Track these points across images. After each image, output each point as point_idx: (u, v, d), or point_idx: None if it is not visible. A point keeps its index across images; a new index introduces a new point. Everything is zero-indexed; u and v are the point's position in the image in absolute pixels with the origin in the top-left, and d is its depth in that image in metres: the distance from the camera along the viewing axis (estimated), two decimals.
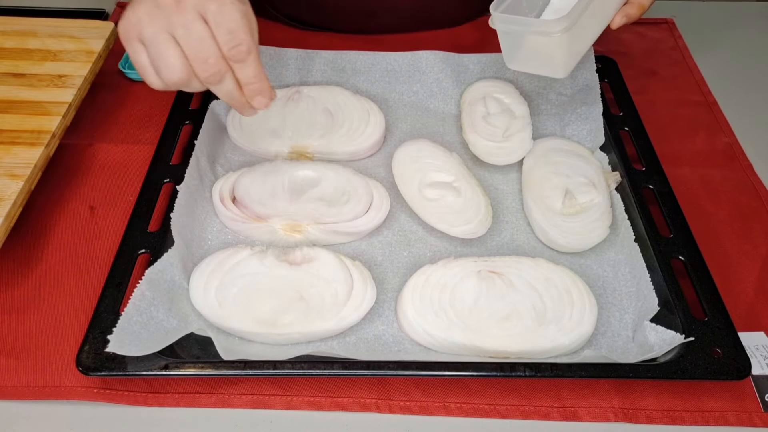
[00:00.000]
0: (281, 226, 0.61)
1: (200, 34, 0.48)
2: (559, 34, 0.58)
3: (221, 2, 0.48)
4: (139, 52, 0.50)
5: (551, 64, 0.62)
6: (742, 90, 0.82)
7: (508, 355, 0.52)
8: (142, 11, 0.49)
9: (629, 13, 0.65)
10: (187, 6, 0.48)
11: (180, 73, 0.50)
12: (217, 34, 0.49)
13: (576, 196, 0.64)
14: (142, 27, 0.49)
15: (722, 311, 0.54)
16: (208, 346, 0.52)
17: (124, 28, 0.50)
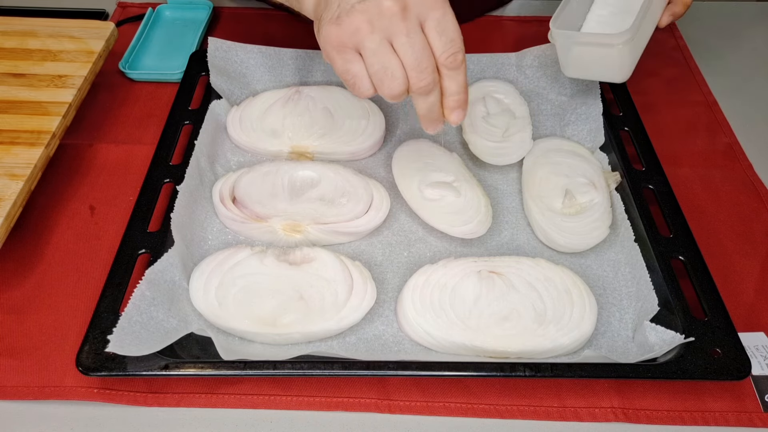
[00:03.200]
0: (281, 226, 0.61)
1: (421, 42, 0.47)
2: (621, 46, 0.62)
3: (444, 10, 0.48)
4: (352, 62, 0.48)
5: (611, 71, 0.65)
6: (742, 90, 0.82)
7: (508, 355, 0.52)
8: (361, 19, 0.47)
9: (675, 11, 0.68)
10: (411, 14, 0.47)
11: (403, 84, 0.48)
12: (437, 41, 0.48)
13: (576, 196, 0.64)
14: (362, 36, 0.47)
15: (722, 311, 0.54)
16: (208, 346, 0.52)
17: (337, 37, 0.48)
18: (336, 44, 0.48)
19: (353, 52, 0.48)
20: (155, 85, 0.79)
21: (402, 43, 0.47)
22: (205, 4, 0.90)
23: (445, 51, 0.48)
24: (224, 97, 0.72)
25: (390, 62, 0.47)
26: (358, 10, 0.47)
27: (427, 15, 0.47)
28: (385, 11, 0.46)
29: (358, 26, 0.47)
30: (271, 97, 0.73)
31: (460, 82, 0.49)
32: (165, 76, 0.79)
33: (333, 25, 0.48)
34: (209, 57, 0.73)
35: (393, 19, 0.46)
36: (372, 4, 0.47)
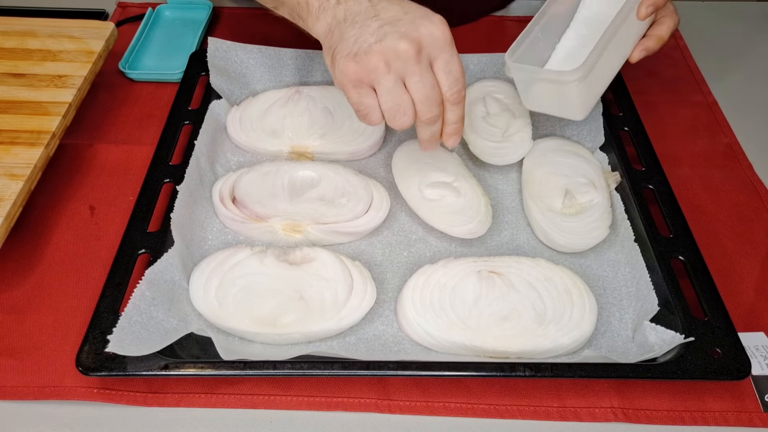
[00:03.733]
0: (281, 226, 0.61)
1: (432, 81, 0.52)
2: (576, 83, 0.59)
3: (451, 52, 0.52)
4: (367, 96, 0.52)
5: (569, 107, 0.63)
6: (742, 90, 0.82)
7: (508, 355, 0.52)
8: (378, 60, 0.50)
9: (648, 46, 0.65)
10: (423, 55, 0.51)
11: (412, 118, 0.53)
12: (444, 80, 0.52)
13: (576, 196, 0.64)
14: (380, 75, 0.51)
15: (722, 311, 0.54)
16: (208, 346, 0.52)
17: (355, 73, 0.51)
18: (353, 79, 0.52)
19: (368, 87, 0.52)
20: (155, 85, 0.79)
21: (414, 82, 0.51)
22: (205, 4, 0.90)
23: (450, 88, 0.52)
24: (224, 97, 0.72)
25: (403, 100, 0.52)
26: (375, 51, 0.50)
27: (437, 56, 0.52)
28: (401, 54, 0.50)
29: (375, 66, 0.50)
30: (271, 97, 0.73)
31: (459, 114, 0.54)
32: (165, 76, 0.79)
33: (351, 62, 0.51)
34: (209, 57, 0.73)
35: (408, 62, 0.50)
36: (389, 46, 0.50)
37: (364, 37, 0.51)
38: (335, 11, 0.54)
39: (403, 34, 0.51)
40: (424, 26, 0.51)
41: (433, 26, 0.51)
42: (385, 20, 0.52)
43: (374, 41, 0.51)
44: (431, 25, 0.51)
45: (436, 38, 0.51)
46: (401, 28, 0.51)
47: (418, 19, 0.52)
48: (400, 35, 0.50)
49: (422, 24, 0.51)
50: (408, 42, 0.50)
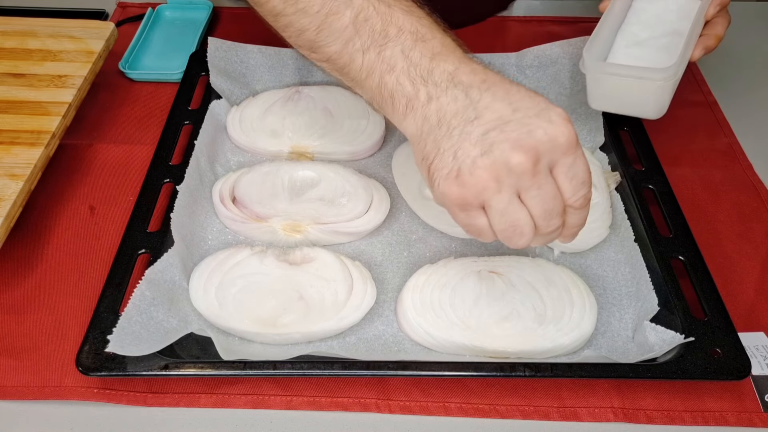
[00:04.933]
0: (281, 226, 0.61)
1: (552, 191, 0.43)
2: (662, 82, 0.59)
3: (575, 153, 0.43)
4: (477, 217, 0.44)
5: (646, 106, 0.63)
6: (742, 90, 0.82)
7: (508, 355, 0.52)
8: (487, 178, 0.42)
9: (708, 45, 0.66)
10: (542, 165, 0.42)
11: (531, 236, 0.44)
12: (567, 185, 0.44)
13: None
14: (489, 196, 0.42)
15: (722, 311, 0.54)
16: (208, 346, 0.52)
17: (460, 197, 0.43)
18: (460, 204, 0.44)
19: (477, 208, 0.44)
20: (155, 85, 0.79)
21: (532, 197, 0.43)
22: (205, 4, 0.90)
23: (574, 194, 0.44)
24: (224, 97, 0.72)
25: (519, 219, 0.43)
26: (481, 167, 0.42)
27: (558, 160, 0.43)
28: (514, 168, 0.41)
29: (484, 185, 0.42)
30: (271, 97, 0.73)
31: (584, 216, 0.46)
32: (165, 76, 0.79)
33: (454, 185, 0.43)
34: (209, 57, 0.73)
35: (524, 176, 0.42)
36: (499, 159, 0.41)
37: (465, 149, 0.42)
38: (426, 111, 0.44)
39: (515, 143, 0.41)
40: (541, 128, 0.42)
41: (553, 127, 0.42)
42: (490, 123, 0.42)
43: (479, 154, 0.42)
44: (550, 127, 0.42)
45: (557, 144, 0.42)
46: (512, 133, 0.42)
47: (532, 118, 0.42)
48: (511, 144, 0.41)
49: (539, 126, 0.42)
50: (522, 153, 0.41)
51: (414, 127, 0.45)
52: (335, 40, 0.47)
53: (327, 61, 0.49)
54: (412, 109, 0.45)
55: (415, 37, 0.46)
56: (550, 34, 0.85)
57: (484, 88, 0.44)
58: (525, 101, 0.43)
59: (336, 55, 0.48)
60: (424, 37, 0.46)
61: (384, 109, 0.48)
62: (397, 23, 0.46)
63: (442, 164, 0.43)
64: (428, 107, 0.44)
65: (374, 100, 0.48)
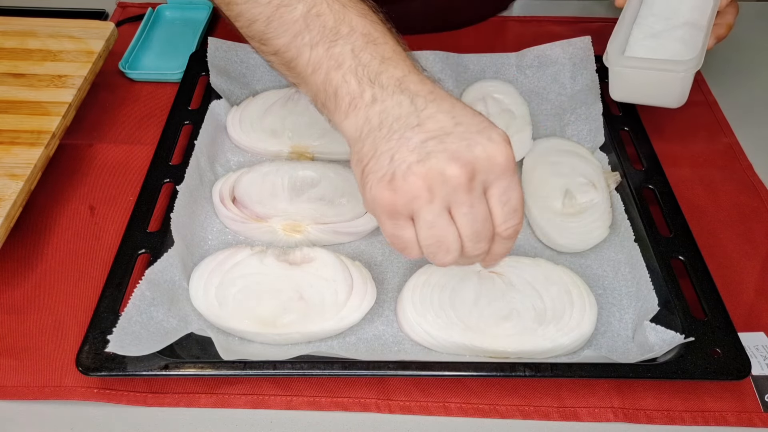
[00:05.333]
0: (281, 226, 0.61)
1: (484, 214, 0.42)
2: (684, 73, 0.62)
3: (511, 178, 0.42)
4: (404, 228, 0.43)
5: (668, 96, 0.66)
6: (742, 90, 0.82)
7: (508, 355, 0.52)
8: (420, 186, 0.41)
9: (720, 34, 0.69)
10: (477, 182, 0.41)
11: (456, 257, 0.44)
12: (499, 211, 0.43)
13: (576, 196, 0.64)
14: (420, 205, 0.41)
15: (722, 311, 0.54)
16: (208, 346, 0.52)
17: (391, 204, 0.42)
18: (389, 210, 0.43)
19: (406, 218, 0.43)
20: (155, 85, 0.79)
21: (463, 214, 0.42)
22: (205, 4, 0.90)
23: (505, 222, 0.43)
24: (224, 97, 0.72)
25: (446, 236, 0.42)
26: (416, 174, 0.41)
27: (493, 182, 0.42)
28: (449, 180, 0.41)
29: (416, 194, 0.41)
30: (271, 97, 0.73)
31: (509, 247, 0.46)
32: (165, 76, 0.79)
33: (386, 189, 0.42)
34: (209, 57, 0.73)
35: (458, 190, 0.41)
36: (435, 168, 0.41)
37: (402, 154, 0.41)
38: (368, 112, 0.43)
39: (452, 155, 0.41)
40: (481, 145, 0.41)
41: (492, 146, 0.41)
42: (431, 133, 0.41)
43: (415, 160, 0.41)
44: (489, 144, 0.41)
45: (494, 163, 0.41)
46: (451, 145, 0.41)
47: (473, 134, 0.42)
48: (449, 156, 0.41)
49: (478, 142, 0.41)
50: (459, 166, 0.40)
51: (354, 127, 0.44)
52: (284, 32, 0.46)
53: (275, 54, 0.48)
54: (355, 108, 0.44)
55: (367, 39, 0.45)
56: (550, 34, 0.85)
57: (430, 99, 0.43)
58: (468, 117, 0.43)
59: (284, 48, 0.47)
60: (376, 40, 0.45)
61: (327, 107, 0.47)
62: (350, 23, 0.46)
63: (377, 167, 0.42)
64: (371, 108, 0.43)
65: (318, 98, 0.47)
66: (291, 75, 0.49)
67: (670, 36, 0.69)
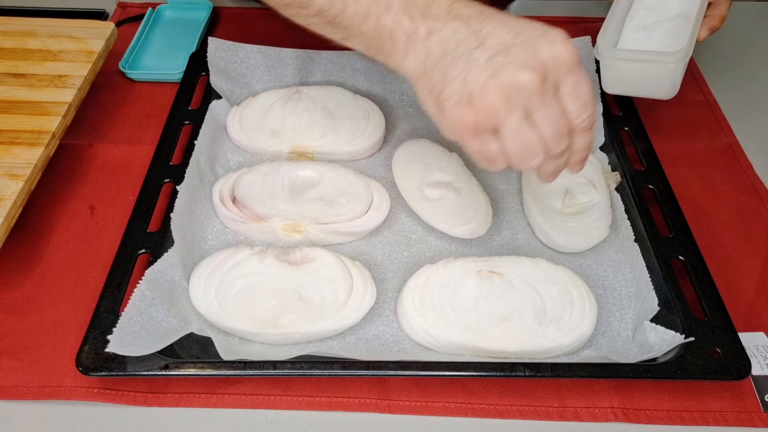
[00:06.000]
0: (281, 226, 0.61)
1: (560, 112, 0.44)
2: (673, 64, 0.63)
3: (578, 73, 0.44)
4: (490, 142, 0.45)
5: (660, 88, 0.66)
6: (742, 90, 0.82)
7: (508, 355, 0.52)
8: (498, 99, 0.42)
9: (713, 25, 0.69)
10: (549, 84, 0.43)
11: (543, 157, 0.45)
12: (572, 106, 0.45)
13: (576, 196, 0.64)
14: (502, 117, 0.43)
15: (722, 311, 0.54)
16: (208, 346, 0.52)
17: (473, 121, 0.43)
18: (473, 129, 0.44)
19: (490, 132, 0.45)
20: (155, 85, 0.79)
21: (541, 117, 0.44)
22: (205, 4, 0.90)
23: (579, 115, 0.45)
24: (224, 97, 0.72)
25: (531, 140, 0.44)
26: (493, 89, 0.42)
27: (563, 80, 0.44)
28: (524, 86, 0.42)
29: (495, 107, 0.43)
30: (271, 97, 0.73)
31: (589, 139, 0.47)
32: (165, 76, 0.79)
33: (466, 109, 0.43)
34: (209, 57, 0.73)
35: (533, 94, 0.43)
36: (507, 79, 0.42)
37: (473, 75, 0.43)
38: (428, 45, 0.44)
39: (521, 64, 0.42)
40: (545, 48, 0.43)
41: (555, 46, 0.43)
42: (494, 48, 0.43)
43: (487, 77, 0.42)
44: (553, 46, 0.43)
45: (561, 62, 0.43)
46: (517, 55, 0.43)
47: (535, 39, 0.44)
48: (518, 65, 0.42)
49: (542, 46, 0.43)
50: (530, 71, 0.42)
51: (416, 63, 0.45)
52: None
53: (318, 14, 0.49)
54: (413, 44, 0.45)
55: None
56: None
57: (482, 18, 0.45)
58: (525, 27, 0.44)
59: (327, 5, 0.48)
60: None
61: (382, 51, 0.48)
62: None
63: (452, 92, 0.43)
64: (429, 41, 0.44)
65: (371, 45, 0.48)
66: (336, 31, 0.50)
67: (661, 28, 0.70)
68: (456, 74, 0.43)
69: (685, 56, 0.63)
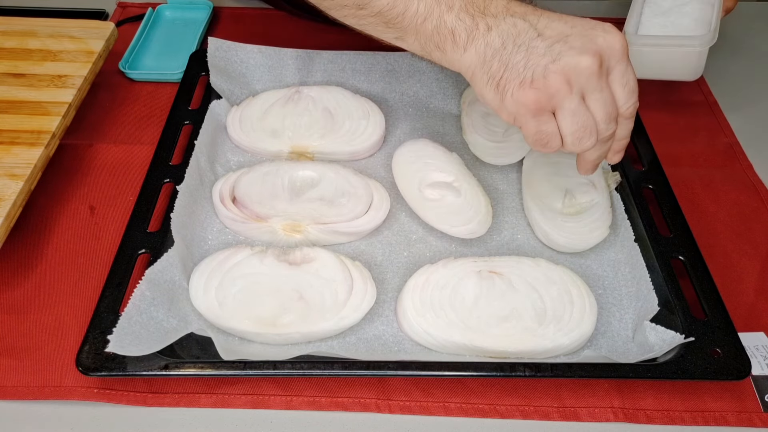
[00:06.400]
0: (281, 226, 0.61)
1: (610, 95, 0.48)
2: (700, 48, 0.66)
3: (627, 60, 0.49)
4: (548, 123, 0.49)
5: (686, 70, 0.70)
6: (742, 90, 0.82)
7: (508, 355, 0.52)
8: (560, 81, 0.46)
9: (728, 6, 0.73)
10: (604, 70, 0.48)
11: (595, 140, 0.49)
12: (621, 92, 0.49)
13: (576, 196, 0.64)
14: (562, 97, 0.47)
15: (722, 311, 0.54)
16: (208, 346, 0.52)
17: (536, 102, 0.47)
18: (534, 108, 0.48)
19: (549, 113, 0.48)
20: (155, 85, 0.79)
21: (596, 99, 0.48)
22: (205, 4, 0.90)
23: (626, 102, 0.49)
24: (224, 97, 0.72)
25: (588, 120, 0.48)
26: (554, 71, 0.46)
27: (614, 67, 0.48)
28: (584, 70, 0.46)
29: (557, 88, 0.47)
30: (271, 97, 0.73)
31: (630, 127, 0.51)
32: (165, 76, 0.79)
33: (529, 90, 0.47)
34: (209, 57, 0.73)
35: (591, 78, 0.47)
36: (569, 63, 0.46)
37: (534, 60, 0.47)
38: (487, 39, 0.48)
39: (580, 49, 0.47)
40: (600, 37, 0.48)
41: (609, 36, 0.48)
42: (554, 38, 0.47)
43: (549, 61, 0.46)
44: (607, 35, 0.48)
45: (615, 49, 0.48)
46: (575, 42, 0.47)
47: (590, 30, 0.48)
48: (577, 51, 0.47)
49: (597, 35, 0.48)
50: (589, 56, 0.46)
51: (476, 55, 0.49)
52: None
53: (377, 15, 0.51)
54: (474, 39, 0.48)
55: None
56: None
57: (538, 14, 0.49)
58: (578, 20, 0.49)
59: (388, 6, 0.51)
60: None
61: (441, 48, 0.50)
62: None
63: (514, 75, 0.47)
64: (489, 35, 0.48)
65: (428, 44, 0.51)
66: (391, 31, 0.53)
67: (680, 12, 0.72)
68: (517, 60, 0.47)
69: (711, 39, 0.66)
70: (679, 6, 0.73)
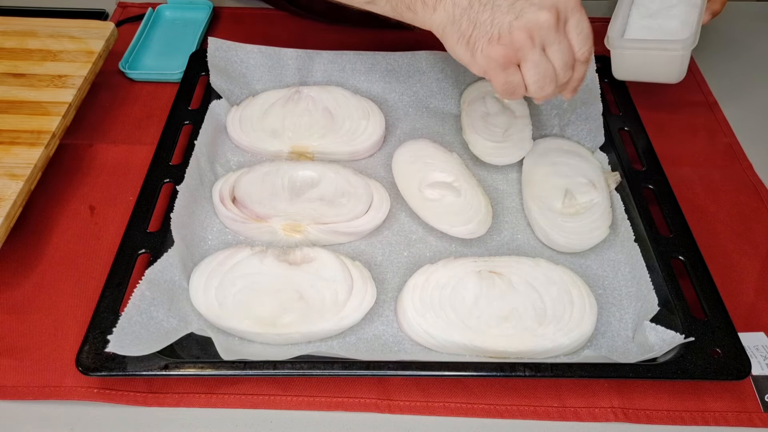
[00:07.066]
0: (281, 227, 0.61)
1: (568, 44, 0.53)
2: (682, 51, 0.67)
3: (581, 11, 0.53)
4: (514, 74, 0.53)
5: (670, 73, 0.70)
6: (742, 90, 0.82)
7: (508, 355, 0.52)
8: (524, 36, 0.51)
9: (715, 9, 0.74)
10: (561, 21, 0.52)
11: (555, 85, 0.54)
12: (576, 40, 0.53)
13: (576, 196, 0.64)
14: (526, 51, 0.51)
15: (722, 311, 0.54)
16: (208, 346, 0.52)
17: (504, 56, 0.52)
18: (502, 62, 0.52)
19: (515, 66, 0.53)
20: (155, 85, 0.79)
21: (555, 50, 0.52)
22: (205, 4, 0.90)
23: (581, 47, 0.53)
24: (224, 97, 0.72)
25: (549, 69, 0.52)
26: (518, 27, 0.51)
27: (569, 18, 0.53)
28: (543, 24, 0.51)
29: (522, 43, 0.51)
30: (271, 97, 0.73)
31: (585, 69, 0.55)
32: (165, 76, 0.79)
33: (497, 45, 0.51)
34: (209, 57, 0.73)
35: (550, 31, 0.51)
36: (531, 20, 0.51)
37: (500, 18, 0.51)
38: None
39: (539, 5, 0.51)
40: None
41: None
42: None
43: (513, 18, 0.51)
44: None
45: (569, 2, 0.52)
46: None
47: None
48: (537, 7, 0.51)
49: None
50: (547, 11, 0.51)
51: (445, 15, 0.53)
52: None
53: None
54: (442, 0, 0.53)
55: None
56: None
57: None
58: None
59: None
60: None
61: (412, 10, 0.55)
62: None
63: (482, 33, 0.52)
64: None
65: (399, 6, 0.56)
66: None
67: (667, 14, 0.73)
68: (484, 19, 0.51)
69: (693, 43, 0.66)
70: (667, 8, 0.73)
